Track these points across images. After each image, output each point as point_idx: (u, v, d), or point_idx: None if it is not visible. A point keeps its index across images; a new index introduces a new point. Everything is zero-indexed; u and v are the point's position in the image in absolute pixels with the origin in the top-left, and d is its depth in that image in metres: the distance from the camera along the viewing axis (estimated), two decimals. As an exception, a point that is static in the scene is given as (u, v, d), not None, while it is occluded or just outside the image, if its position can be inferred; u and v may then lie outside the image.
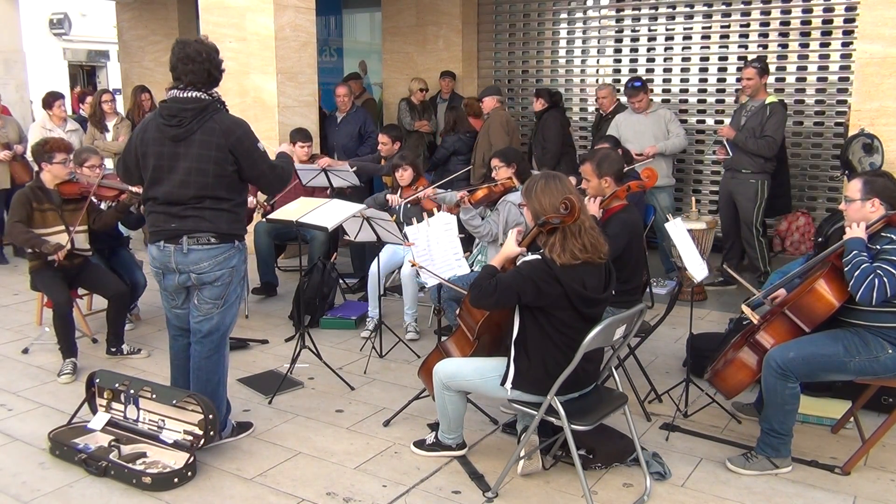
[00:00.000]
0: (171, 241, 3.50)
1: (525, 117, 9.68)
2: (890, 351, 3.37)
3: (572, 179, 3.59)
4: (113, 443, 3.61)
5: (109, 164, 7.63)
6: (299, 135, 6.59)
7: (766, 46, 7.90)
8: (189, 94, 3.43)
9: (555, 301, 3.12)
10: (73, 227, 4.86)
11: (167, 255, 3.52)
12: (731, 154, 6.23)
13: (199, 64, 3.41)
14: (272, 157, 3.74)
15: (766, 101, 6.10)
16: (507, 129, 7.41)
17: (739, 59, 8.03)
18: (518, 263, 3.25)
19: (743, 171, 6.21)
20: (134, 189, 4.92)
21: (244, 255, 3.70)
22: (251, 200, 5.61)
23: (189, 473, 3.44)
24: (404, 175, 5.70)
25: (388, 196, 5.71)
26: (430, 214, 4.67)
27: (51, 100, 7.61)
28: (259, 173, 3.56)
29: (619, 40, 8.80)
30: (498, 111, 7.48)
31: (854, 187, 3.49)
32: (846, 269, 3.32)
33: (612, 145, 5.74)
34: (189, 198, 3.45)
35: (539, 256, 3.18)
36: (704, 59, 8.28)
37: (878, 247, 3.35)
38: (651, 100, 6.98)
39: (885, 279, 3.23)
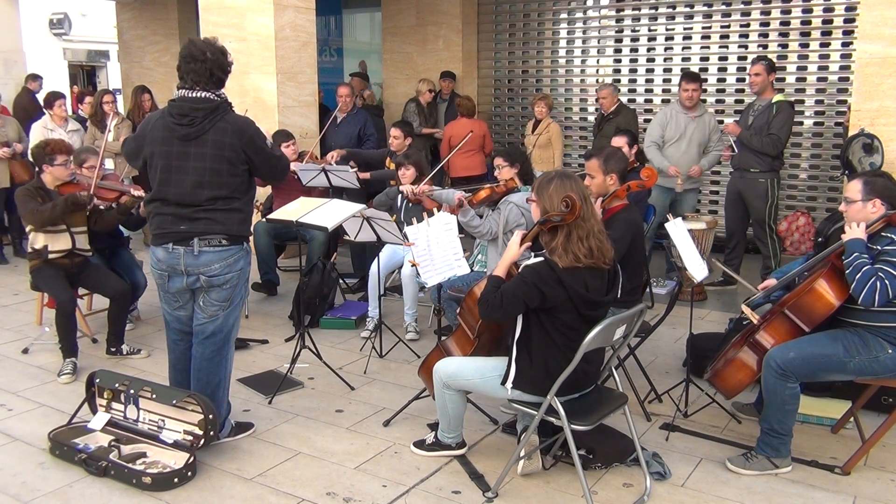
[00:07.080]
0: (181, 243, 3.45)
1: (525, 117, 9.67)
2: (890, 351, 3.37)
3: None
4: (113, 443, 3.62)
5: (110, 164, 7.64)
6: (281, 136, 6.44)
7: (766, 46, 7.90)
8: (199, 94, 3.42)
9: (559, 303, 3.12)
10: (73, 228, 4.86)
11: (176, 258, 3.48)
12: (737, 151, 6.21)
13: (200, 63, 3.40)
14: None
15: (773, 100, 6.08)
16: None
17: (739, 59, 8.04)
18: (520, 269, 3.22)
19: (752, 170, 6.17)
20: (136, 193, 4.94)
21: (250, 257, 3.71)
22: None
23: (189, 473, 3.44)
24: (406, 174, 5.69)
25: (402, 187, 5.69)
26: (431, 214, 4.66)
27: (52, 99, 7.62)
28: (271, 166, 3.66)
29: (619, 40, 8.81)
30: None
31: (854, 188, 3.47)
32: (847, 271, 3.30)
33: (629, 140, 5.74)
34: (204, 199, 3.42)
35: (542, 258, 3.17)
36: (704, 59, 8.28)
37: (879, 247, 3.34)
38: (703, 100, 6.71)
39: (887, 281, 3.22)
